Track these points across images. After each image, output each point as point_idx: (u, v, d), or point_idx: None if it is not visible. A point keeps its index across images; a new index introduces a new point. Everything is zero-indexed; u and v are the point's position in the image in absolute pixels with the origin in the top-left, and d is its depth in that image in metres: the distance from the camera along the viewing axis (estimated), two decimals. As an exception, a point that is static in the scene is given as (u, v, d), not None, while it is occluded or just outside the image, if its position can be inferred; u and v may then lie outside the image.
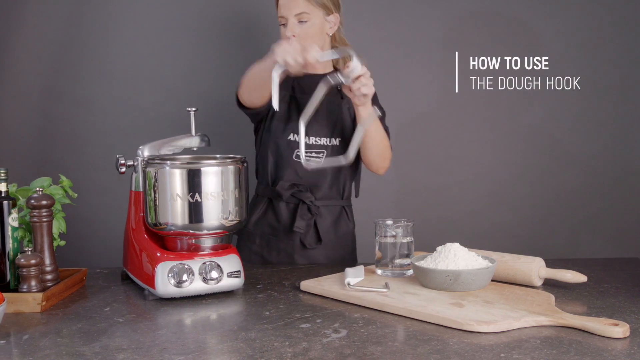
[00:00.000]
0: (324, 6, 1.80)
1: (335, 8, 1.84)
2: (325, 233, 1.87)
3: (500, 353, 1.07)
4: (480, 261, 1.43)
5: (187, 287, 1.42)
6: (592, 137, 2.54)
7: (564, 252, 2.45)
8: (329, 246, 1.88)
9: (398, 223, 1.55)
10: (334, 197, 1.89)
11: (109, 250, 2.35)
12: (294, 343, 1.14)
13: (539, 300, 1.32)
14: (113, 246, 2.34)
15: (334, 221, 1.90)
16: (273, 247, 1.89)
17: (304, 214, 1.84)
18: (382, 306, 1.32)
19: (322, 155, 1.84)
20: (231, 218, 1.49)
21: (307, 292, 1.48)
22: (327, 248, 1.87)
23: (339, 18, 1.86)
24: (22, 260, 1.38)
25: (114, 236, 2.37)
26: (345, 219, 1.93)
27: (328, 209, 1.88)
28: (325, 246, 1.87)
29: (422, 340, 1.14)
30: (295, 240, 1.86)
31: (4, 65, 2.42)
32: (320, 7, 1.79)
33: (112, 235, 2.37)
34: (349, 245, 1.95)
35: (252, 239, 1.90)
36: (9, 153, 2.44)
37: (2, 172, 1.42)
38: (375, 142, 1.79)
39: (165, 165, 1.47)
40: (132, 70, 2.46)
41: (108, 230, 2.40)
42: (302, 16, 1.78)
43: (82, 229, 2.27)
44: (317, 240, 1.86)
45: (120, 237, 2.36)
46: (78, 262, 1.90)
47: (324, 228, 1.87)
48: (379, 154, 1.83)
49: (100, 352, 1.11)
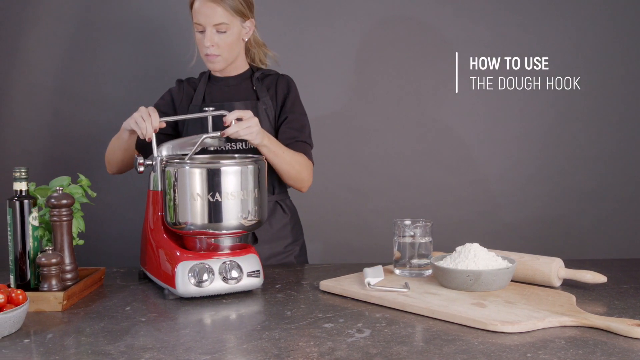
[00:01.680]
0: (241, 13, 1.79)
1: (250, 13, 1.83)
2: (259, 230, 1.83)
3: (526, 353, 1.07)
4: (500, 261, 1.43)
5: (208, 287, 1.42)
6: (593, 138, 2.53)
7: (576, 253, 2.45)
8: (267, 242, 1.85)
9: (416, 223, 1.55)
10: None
11: (123, 249, 2.36)
12: (319, 343, 1.14)
13: (560, 300, 1.32)
14: (127, 245, 2.35)
15: (268, 217, 1.87)
16: None
17: None
18: (404, 306, 1.32)
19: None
20: (250, 218, 1.49)
21: (327, 291, 1.48)
22: (267, 243, 1.84)
23: (254, 22, 1.86)
24: (43, 260, 1.39)
25: (128, 235, 2.39)
26: (281, 212, 1.90)
27: None
28: (264, 242, 1.84)
29: (446, 340, 1.14)
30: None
31: (18, 64, 2.43)
32: (237, 15, 1.78)
33: (126, 234, 2.39)
34: (289, 236, 1.91)
35: None
36: (22, 152, 2.44)
37: (23, 172, 1.42)
38: (284, 170, 1.76)
39: (185, 164, 1.47)
40: (144, 69, 2.46)
41: (122, 229, 2.41)
42: (221, 27, 1.76)
43: (96, 228, 2.26)
44: (254, 240, 1.84)
45: (134, 235, 2.36)
46: (91, 261, 1.90)
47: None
48: (290, 177, 1.80)
49: (125, 352, 1.11)
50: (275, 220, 1.88)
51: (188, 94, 1.92)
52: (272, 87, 1.88)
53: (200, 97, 1.89)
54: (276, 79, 1.90)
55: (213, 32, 1.77)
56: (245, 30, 1.84)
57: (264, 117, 1.84)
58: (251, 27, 1.85)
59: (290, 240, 1.91)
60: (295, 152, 1.79)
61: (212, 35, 1.77)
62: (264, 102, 1.85)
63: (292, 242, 1.92)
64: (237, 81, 1.90)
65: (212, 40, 1.77)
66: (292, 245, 1.91)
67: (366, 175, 2.54)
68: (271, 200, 1.88)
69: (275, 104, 1.87)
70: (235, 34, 1.80)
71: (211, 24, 1.76)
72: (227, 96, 1.88)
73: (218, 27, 1.77)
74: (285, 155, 1.74)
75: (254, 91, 1.88)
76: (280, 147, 1.74)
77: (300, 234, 1.97)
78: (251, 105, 1.83)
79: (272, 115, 1.86)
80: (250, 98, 1.87)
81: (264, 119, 1.84)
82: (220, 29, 1.77)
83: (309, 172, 1.83)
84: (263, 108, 1.85)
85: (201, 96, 1.89)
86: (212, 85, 1.92)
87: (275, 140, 1.73)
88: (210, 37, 1.77)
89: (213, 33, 1.77)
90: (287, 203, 1.94)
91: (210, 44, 1.78)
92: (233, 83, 1.90)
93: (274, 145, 1.71)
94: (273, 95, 1.88)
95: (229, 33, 1.78)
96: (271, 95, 1.88)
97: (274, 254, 1.86)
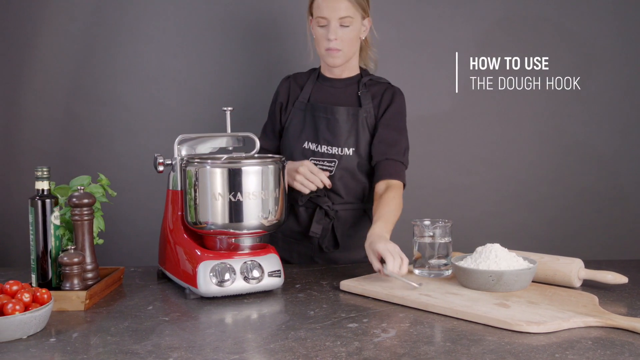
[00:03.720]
0: (363, 9, 1.80)
1: (369, 11, 1.85)
2: (342, 237, 1.86)
3: (554, 353, 1.07)
4: (521, 262, 1.43)
5: (229, 287, 1.43)
6: (594, 138, 2.53)
7: (587, 253, 2.44)
8: (347, 249, 1.86)
9: (436, 223, 1.55)
10: (352, 201, 1.88)
11: (138, 248, 2.36)
12: (345, 342, 1.14)
13: (583, 301, 1.32)
14: (142, 244, 2.35)
15: (353, 224, 1.88)
16: (294, 250, 1.90)
17: (320, 219, 1.84)
18: (427, 306, 1.32)
19: (334, 165, 1.82)
20: (271, 218, 1.50)
21: (347, 291, 1.48)
22: (346, 251, 1.86)
23: (370, 22, 1.87)
24: (66, 259, 1.39)
25: (142, 234, 2.39)
26: (367, 221, 1.90)
27: (348, 212, 1.87)
28: (343, 249, 1.86)
29: (473, 340, 1.15)
30: (314, 243, 1.87)
31: (31, 64, 2.43)
32: (360, 11, 1.79)
33: (141, 234, 2.39)
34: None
35: (274, 241, 1.90)
36: (36, 151, 2.44)
37: (45, 171, 1.42)
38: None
39: (206, 164, 1.47)
40: (157, 69, 2.46)
41: (136, 228, 2.40)
42: (345, 20, 1.76)
43: (110, 227, 2.27)
44: (335, 244, 1.86)
45: (149, 234, 2.37)
46: (106, 261, 1.90)
47: (342, 232, 1.86)
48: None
49: (153, 351, 1.11)
50: (360, 228, 1.87)
51: (294, 91, 1.91)
52: (378, 97, 1.86)
53: (306, 96, 1.88)
54: (384, 89, 1.88)
55: (337, 26, 1.76)
56: (364, 28, 1.84)
57: (364, 127, 1.83)
58: (368, 26, 1.86)
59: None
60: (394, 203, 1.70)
61: (337, 28, 1.76)
62: (366, 110, 1.84)
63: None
64: (343, 84, 1.89)
65: (336, 33, 1.77)
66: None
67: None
68: (360, 208, 1.88)
69: (376, 113, 1.85)
70: (356, 30, 1.80)
71: (337, 17, 1.75)
72: (331, 99, 1.87)
73: (342, 21, 1.76)
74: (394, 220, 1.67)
75: (357, 97, 1.87)
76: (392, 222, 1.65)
77: None
78: (352, 112, 1.83)
79: (372, 124, 1.84)
80: (353, 104, 1.86)
81: (363, 129, 1.83)
82: (344, 22, 1.76)
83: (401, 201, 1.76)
84: (364, 116, 1.83)
85: (307, 95, 1.89)
86: (320, 84, 1.90)
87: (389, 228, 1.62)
88: (335, 30, 1.76)
89: (337, 27, 1.76)
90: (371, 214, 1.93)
91: (335, 37, 1.77)
92: (339, 86, 1.89)
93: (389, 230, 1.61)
94: (377, 104, 1.85)
95: (352, 28, 1.78)
96: (375, 104, 1.85)
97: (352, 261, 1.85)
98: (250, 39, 2.45)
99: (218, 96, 2.43)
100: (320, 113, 1.84)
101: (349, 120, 1.83)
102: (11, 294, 1.23)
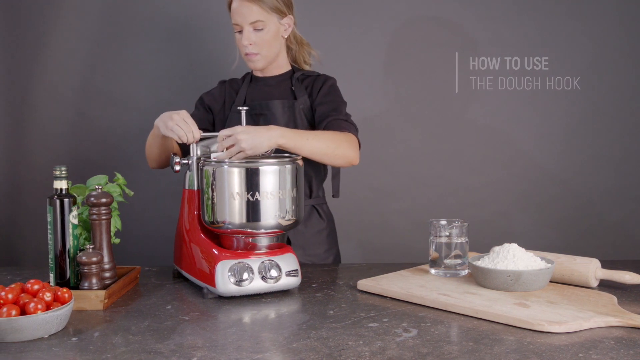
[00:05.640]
0: (278, 10, 1.79)
1: (288, 10, 1.83)
2: (294, 235, 1.84)
3: (578, 353, 1.07)
4: (539, 262, 1.44)
5: (248, 286, 1.43)
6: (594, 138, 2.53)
7: (597, 254, 2.44)
8: (301, 247, 1.84)
9: (452, 223, 1.55)
10: None
11: (151, 247, 2.36)
12: (368, 342, 1.14)
13: (602, 301, 1.32)
14: (155, 243, 2.35)
15: (304, 221, 1.85)
16: None
17: None
18: (446, 306, 1.32)
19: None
20: (288, 217, 1.50)
21: (365, 291, 1.48)
22: (300, 249, 1.83)
23: (292, 19, 1.86)
24: (84, 258, 1.39)
25: (154, 233, 2.39)
26: (317, 217, 1.89)
27: None
28: (296, 247, 1.82)
29: (495, 340, 1.15)
30: None
31: (42, 63, 2.43)
32: (274, 12, 1.79)
33: (153, 233, 2.39)
34: (324, 242, 1.90)
35: None
36: (47, 151, 2.44)
37: (63, 170, 1.42)
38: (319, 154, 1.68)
39: (224, 164, 1.48)
40: (169, 69, 2.46)
41: (148, 227, 2.41)
42: (257, 24, 1.77)
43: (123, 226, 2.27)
44: (287, 242, 1.82)
45: (161, 234, 2.37)
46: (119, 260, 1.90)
47: (294, 230, 1.78)
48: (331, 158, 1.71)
49: (176, 350, 1.11)
50: (311, 225, 1.87)
51: (230, 95, 1.93)
52: (310, 86, 1.88)
53: (242, 98, 1.90)
54: (315, 78, 1.90)
55: (250, 31, 1.78)
56: (284, 27, 1.84)
57: (301, 117, 1.84)
58: (290, 24, 1.85)
59: (326, 247, 1.90)
60: (323, 131, 1.72)
61: (250, 33, 1.78)
62: (301, 102, 1.85)
63: (327, 249, 1.90)
64: (276, 81, 1.90)
65: (249, 38, 1.78)
66: (326, 253, 1.89)
67: (388, 175, 2.54)
68: (307, 204, 1.88)
69: (312, 102, 1.86)
70: (272, 32, 1.80)
71: (248, 22, 1.77)
72: (265, 96, 1.89)
73: (255, 25, 1.77)
74: (311, 142, 1.64)
75: (292, 91, 1.88)
76: (302, 136, 1.64)
77: (335, 242, 1.95)
78: (288, 105, 1.83)
79: (309, 114, 1.85)
80: (288, 97, 1.87)
81: (301, 119, 1.83)
82: (257, 26, 1.77)
83: (349, 145, 1.72)
84: (300, 107, 1.84)
85: (243, 97, 1.90)
86: (253, 85, 1.92)
87: (291, 132, 1.63)
88: (248, 36, 1.78)
89: (250, 32, 1.78)
90: (323, 209, 1.93)
91: (248, 42, 1.79)
92: (272, 83, 1.90)
93: (292, 139, 1.61)
94: (310, 93, 1.87)
95: (266, 30, 1.79)
96: (309, 94, 1.87)
97: (307, 259, 1.85)
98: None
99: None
100: (257, 111, 1.84)
101: (285, 112, 1.83)
102: (33, 293, 1.24)
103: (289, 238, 1.83)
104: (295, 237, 1.83)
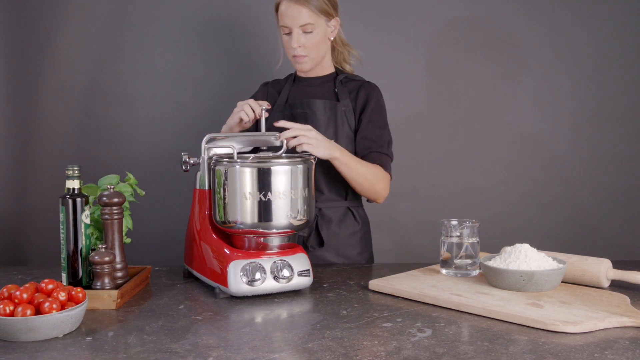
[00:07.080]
0: (326, 13, 1.81)
1: (335, 12, 1.85)
2: (327, 235, 1.85)
3: (593, 353, 1.07)
4: (551, 262, 1.44)
5: (260, 286, 1.43)
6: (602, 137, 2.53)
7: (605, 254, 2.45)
8: (334, 247, 1.86)
9: (464, 224, 1.55)
10: (334, 198, 1.88)
11: (160, 247, 2.36)
12: (383, 342, 1.14)
13: (615, 301, 1.32)
14: (164, 243, 2.35)
15: (338, 222, 1.87)
16: None
17: None
18: (459, 306, 1.32)
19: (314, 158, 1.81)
20: (299, 217, 1.50)
21: (376, 291, 1.48)
22: (332, 249, 1.85)
23: (339, 21, 1.87)
24: (97, 258, 1.39)
25: (163, 233, 2.39)
26: (352, 219, 1.90)
27: (331, 210, 1.87)
28: (329, 247, 1.85)
29: (510, 340, 1.15)
30: (300, 242, 1.86)
31: (50, 63, 2.43)
32: (322, 15, 1.80)
33: (161, 232, 2.39)
34: (357, 245, 1.91)
35: None
36: (54, 150, 2.44)
37: (76, 170, 1.42)
38: (356, 182, 1.77)
39: (236, 163, 1.48)
40: (175, 68, 2.46)
41: (156, 227, 2.41)
42: (307, 27, 1.79)
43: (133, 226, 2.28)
44: (320, 242, 1.85)
45: (169, 233, 2.37)
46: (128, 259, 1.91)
47: (327, 230, 1.86)
48: (363, 190, 1.81)
49: (192, 350, 1.12)
50: (345, 227, 1.88)
51: (272, 96, 1.95)
52: (354, 92, 1.88)
53: (284, 97, 1.91)
54: (360, 85, 1.90)
55: (299, 33, 1.79)
56: (331, 29, 1.86)
57: (343, 120, 1.85)
58: (336, 26, 1.87)
59: (359, 249, 1.90)
60: (370, 164, 1.79)
61: (299, 36, 1.79)
62: (344, 105, 1.85)
63: (360, 251, 1.90)
64: (320, 82, 1.92)
65: (299, 41, 1.80)
66: (359, 256, 1.90)
67: (396, 175, 2.53)
68: (342, 206, 1.88)
69: (354, 108, 1.86)
70: (321, 34, 1.82)
71: (297, 25, 1.78)
72: (307, 95, 1.90)
73: (304, 28, 1.78)
74: (358, 168, 1.74)
75: (335, 93, 1.88)
76: (353, 160, 1.74)
77: (369, 245, 1.96)
78: (330, 105, 1.84)
79: (351, 119, 1.86)
80: (331, 98, 1.87)
81: (342, 122, 1.84)
82: (306, 29, 1.79)
83: (383, 185, 1.82)
84: (342, 110, 1.85)
85: (285, 97, 1.91)
86: (296, 86, 1.93)
87: (347, 152, 1.72)
88: (297, 39, 1.79)
89: (299, 34, 1.79)
90: (359, 212, 1.93)
91: (298, 45, 1.80)
92: (316, 83, 1.92)
93: (345, 157, 1.71)
94: (354, 99, 1.87)
95: (315, 33, 1.80)
96: (352, 99, 1.87)
97: (339, 260, 1.85)
98: (267, 38, 2.45)
99: (235, 95, 2.42)
100: (298, 109, 1.86)
101: (327, 112, 1.85)
102: (47, 292, 1.24)
103: (320, 237, 1.84)
104: (329, 238, 1.84)
